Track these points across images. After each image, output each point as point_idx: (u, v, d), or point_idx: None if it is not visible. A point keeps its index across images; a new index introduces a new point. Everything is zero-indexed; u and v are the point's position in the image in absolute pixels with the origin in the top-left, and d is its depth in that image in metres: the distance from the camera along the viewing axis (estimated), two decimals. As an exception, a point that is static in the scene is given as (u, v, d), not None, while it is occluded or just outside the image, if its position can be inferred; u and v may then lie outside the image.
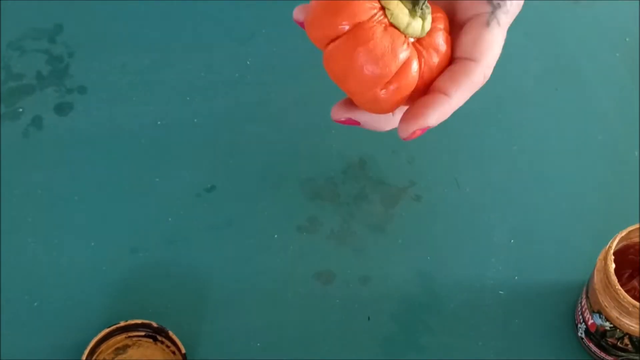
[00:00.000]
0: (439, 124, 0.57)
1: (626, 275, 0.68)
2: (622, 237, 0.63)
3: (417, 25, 0.55)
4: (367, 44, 0.53)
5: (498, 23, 0.58)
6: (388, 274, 0.73)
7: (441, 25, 0.57)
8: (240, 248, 0.74)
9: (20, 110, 0.80)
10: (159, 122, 0.79)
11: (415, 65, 0.55)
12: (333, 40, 0.55)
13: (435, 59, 0.56)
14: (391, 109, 0.57)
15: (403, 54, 0.54)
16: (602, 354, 0.68)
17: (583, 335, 0.69)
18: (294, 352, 0.70)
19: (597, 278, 0.64)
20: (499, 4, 0.58)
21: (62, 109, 0.80)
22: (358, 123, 0.59)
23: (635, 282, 0.68)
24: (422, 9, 0.55)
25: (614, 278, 0.62)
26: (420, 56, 0.56)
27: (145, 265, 0.73)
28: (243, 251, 0.74)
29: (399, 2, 0.54)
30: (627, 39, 0.83)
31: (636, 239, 0.65)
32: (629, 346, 0.65)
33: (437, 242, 0.74)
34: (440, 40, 0.56)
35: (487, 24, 0.58)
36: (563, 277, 0.73)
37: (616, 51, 0.83)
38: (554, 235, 0.74)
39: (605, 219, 0.75)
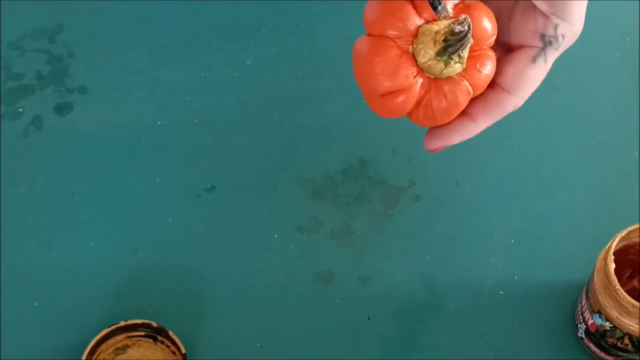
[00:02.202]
0: None
1: (626, 275, 0.68)
2: (622, 237, 0.64)
3: (438, 67, 0.55)
4: (375, 57, 0.55)
5: (545, 61, 0.58)
6: (388, 274, 0.73)
7: (475, 78, 0.56)
8: (240, 248, 0.74)
9: (20, 110, 0.80)
10: (159, 122, 0.79)
11: (417, 90, 0.55)
12: (367, 35, 0.56)
13: (442, 104, 0.56)
14: (392, 116, 0.58)
15: (406, 77, 0.55)
16: (602, 354, 0.68)
17: (583, 335, 0.69)
18: (294, 352, 0.70)
19: (597, 278, 0.64)
20: (550, 41, 0.58)
21: (62, 109, 0.80)
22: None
23: (635, 282, 0.68)
24: (449, 58, 0.54)
25: (614, 278, 0.62)
26: (426, 93, 0.56)
27: (145, 265, 0.73)
28: (243, 251, 0.74)
29: (433, 39, 0.54)
30: (627, 39, 0.83)
31: (636, 239, 0.65)
32: (629, 346, 0.65)
33: (437, 242, 0.74)
34: (459, 93, 0.56)
35: (534, 60, 0.58)
36: (563, 277, 0.73)
37: (616, 51, 0.83)
38: (554, 235, 0.74)
39: (605, 219, 0.75)
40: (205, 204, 0.76)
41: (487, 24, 0.56)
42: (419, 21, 0.54)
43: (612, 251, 0.63)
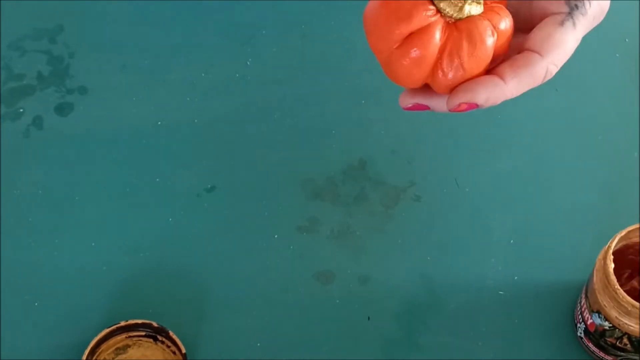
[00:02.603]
0: (461, 111, 0.55)
1: (625, 275, 0.68)
2: (622, 237, 0.64)
3: (456, 5, 0.52)
4: (389, 3, 0.52)
5: (574, 25, 0.56)
6: (388, 274, 0.73)
7: (495, 20, 0.53)
8: (240, 248, 0.74)
9: (21, 110, 0.80)
10: (159, 122, 0.79)
11: (437, 35, 0.52)
12: None
13: (467, 47, 0.52)
14: (415, 80, 0.54)
15: (425, 16, 0.51)
16: (601, 354, 0.68)
17: (582, 335, 0.69)
18: (294, 352, 0.70)
19: (596, 278, 0.64)
20: (576, 4, 0.56)
21: (62, 109, 0.80)
22: (427, 107, 0.57)
23: (634, 282, 0.68)
24: None
25: (613, 278, 0.62)
26: (450, 34, 0.52)
27: (145, 265, 0.73)
28: (243, 251, 0.74)
29: None
30: (626, 40, 0.83)
31: (636, 239, 0.65)
32: (628, 346, 0.65)
33: (437, 242, 0.74)
34: (483, 31, 0.52)
35: (562, 23, 0.56)
36: (563, 277, 0.73)
37: (616, 51, 0.83)
38: (553, 236, 0.74)
39: (605, 219, 0.75)
40: (206, 204, 0.76)
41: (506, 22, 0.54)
42: None
43: (611, 251, 0.63)
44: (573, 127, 0.79)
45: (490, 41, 0.53)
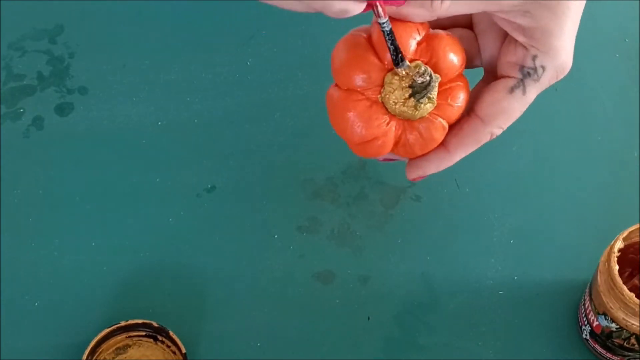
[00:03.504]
0: None
1: (626, 274, 0.68)
2: (623, 237, 0.63)
3: (409, 111, 0.56)
4: (346, 112, 0.56)
5: (523, 92, 0.57)
6: (388, 274, 0.73)
7: (448, 113, 0.57)
8: (240, 248, 0.74)
9: (21, 110, 0.80)
10: (159, 123, 0.79)
11: (392, 136, 0.56)
12: (335, 85, 0.57)
13: (419, 141, 0.57)
14: (374, 156, 0.59)
15: (379, 127, 0.56)
16: (608, 355, 0.68)
17: (588, 337, 0.68)
18: (294, 352, 0.70)
19: (600, 280, 0.64)
20: (529, 72, 0.57)
21: (62, 109, 0.80)
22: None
23: (635, 281, 0.68)
24: (418, 102, 0.55)
25: (619, 280, 0.61)
26: (402, 134, 0.57)
27: (145, 265, 0.73)
28: (243, 251, 0.74)
29: (399, 86, 0.55)
30: (626, 40, 0.83)
31: (636, 239, 0.65)
32: (636, 346, 0.65)
33: (437, 242, 0.74)
34: (435, 131, 0.57)
35: (511, 90, 0.57)
36: (563, 277, 0.73)
37: (616, 52, 0.83)
38: (553, 235, 0.74)
39: (605, 219, 0.75)
40: (205, 204, 0.76)
41: (454, 57, 0.56)
42: (382, 69, 0.55)
43: (615, 253, 0.62)
44: (573, 127, 0.79)
45: (439, 135, 0.57)
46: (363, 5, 0.52)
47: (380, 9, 0.52)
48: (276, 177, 0.77)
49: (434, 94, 0.55)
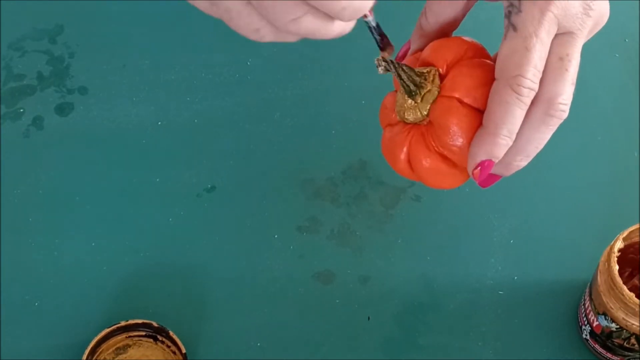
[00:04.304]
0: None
1: (626, 274, 0.68)
2: (623, 237, 0.63)
3: (415, 113, 0.55)
4: (383, 146, 0.59)
5: (514, 29, 0.52)
6: (388, 274, 0.73)
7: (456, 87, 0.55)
8: (240, 248, 0.74)
9: (21, 110, 0.80)
10: (159, 123, 0.79)
11: (424, 148, 0.56)
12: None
13: (438, 133, 0.55)
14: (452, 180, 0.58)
15: (400, 144, 0.57)
16: (608, 355, 0.68)
17: (588, 337, 0.68)
18: (294, 352, 0.70)
19: (600, 280, 0.64)
20: (509, 11, 0.53)
21: (62, 109, 0.80)
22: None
23: (635, 280, 0.68)
24: (417, 92, 0.55)
25: (619, 280, 0.61)
26: (427, 137, 0.55)
27: (145, 265, 0.74)
28: (243, 251, 0.74)
29: (401, 94, 0.56)
30: (626, 40, 0.83)
31: (636, 239, 0.65)
32: (636, 346, 0.65)
33: (437, 242, 0.74)
34: (444, 114, 0.55)
35: (505, 36, 0.53)
36: (563, 277, 0.73)
37: (616, 52, 0.83)
38: (553, 235, 0.74)
39: (605, 219, 0.75)
40: (206, 204, 0.76)
41: (451, 43, 0.56)
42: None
43: (615, 254, 0.62)
44: (573, 127, 0.79)
45: (456, 114, 0.54)
46: (353, 22, 0.52)
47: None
48: (276, 177, 0.77)
49: (429, 85, 0.55)
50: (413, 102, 0.55)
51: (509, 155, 0.55)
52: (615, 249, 0.63)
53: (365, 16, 0.54)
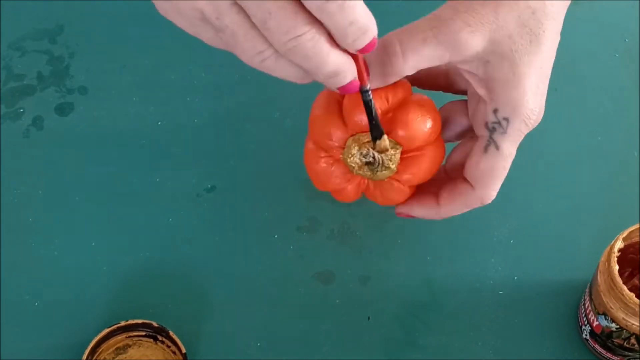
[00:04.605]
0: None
1: (626, 274, 0.68)
2: (623, 237, 0.63)
3: (367, 174, 0.60)
4: (314, 165, 0.62)
5: (497, 148, 0.57)
6: (388, 274, 0.73)
7: (406, 176, 0.61)
8: (240, 248, 0.74)
9: (21, 110, 0.80)
10: (159, 123, 0.79)
11: (351, 191, 0.63)
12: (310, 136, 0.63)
13: (381, 198, 0.63)
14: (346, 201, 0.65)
15: (337, 185, 0.62)
16: (608, 355, 0.68)
17: (588, 337, 0.68)
18: (294, 352, 0.70)
19: (600, 280, 0.64)
20: (494, 127, 0.57)
21: (62, 109, 0.80)
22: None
23: (635, 280, 0.68)
24: (374, 171, 0.59)
25: (619, 280, 0.61)
26: (367, 187, 0.62)
27: (145, 265, 0.74)
28: (243, 251, 0.74)
29: (359, 152, 0.59)
30: (626, 40, 0.83)
31: (636, 239, 0.65)
32: (636, 346, 0.65)
33: (437, 242, 0.74)
34: (390, 192, 0.62)
35: (485, 150, 0.58)
36: (563, 277, 0.73)
37: (615, 52, 0.83)
38: (553, 235, 0.74)
39: (605, 219, 0.75)
40: (205, 204, 0.76)
41: (420, 126, 0.58)
42: (346, 132, 0.59)
43: (615, 254, 0.62)
44: (573, 127, 0.79)
45: (400, 198, 0.63)
46: (355, 72, 0.52)
47: (364, 75, 0.54)
48: (276, 177, 0.77)
49: (390, 164, 0.58)
50: (369, 172, 0.59)
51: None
52: (615, 249, 0.63)
53: (362, 82, 0.54)
